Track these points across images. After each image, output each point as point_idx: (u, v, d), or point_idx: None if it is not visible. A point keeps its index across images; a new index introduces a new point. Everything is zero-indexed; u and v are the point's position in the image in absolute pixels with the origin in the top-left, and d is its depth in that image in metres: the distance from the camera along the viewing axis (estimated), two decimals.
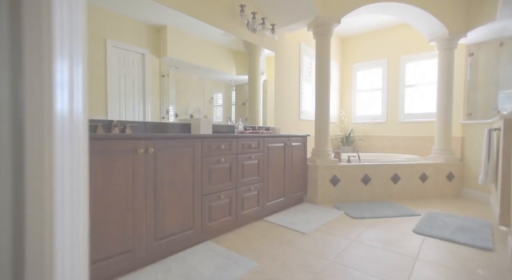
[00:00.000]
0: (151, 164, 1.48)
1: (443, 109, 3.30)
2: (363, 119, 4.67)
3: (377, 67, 4.52)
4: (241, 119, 2.81)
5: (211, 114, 2.53)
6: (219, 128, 2.60)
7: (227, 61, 2.63)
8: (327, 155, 2.97)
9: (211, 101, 2.43)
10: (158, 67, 1.95)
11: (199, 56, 2.30)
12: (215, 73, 2.46)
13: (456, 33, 3.19)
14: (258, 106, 3.16)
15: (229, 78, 2.63)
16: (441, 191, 3.19)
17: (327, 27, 2.91)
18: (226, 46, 2.60)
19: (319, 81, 3.00)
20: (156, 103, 2.01)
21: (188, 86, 2.20)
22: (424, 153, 4.02)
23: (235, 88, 2.79)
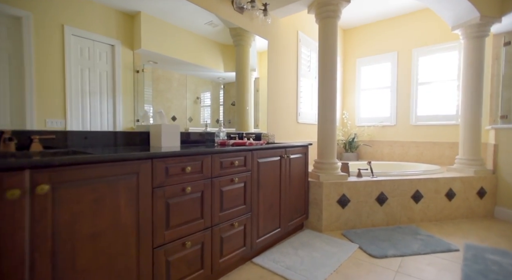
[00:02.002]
0: (46, 214, 0.83)
1: (470, 111, 2.73)
2: (368, 122, 4.08)
3: (385, 62, 3.93)
4: (223, 125, 2.16)
5: (198, 116, 2.06)
6: (193, 137, 1.94)
7: (214, 56, 2.12)
8: (333, 169, 2.35)
9: (197, 101, 2.02)
10: (132, 61, 1.61)
11: (181, 50, 1.87)
12: (200, 70, 2.03)
13: (489, 18, 2.61)
14: (248, 107, 2.53)
15: (217, 76, 2.17)
16: (470, 210, 2.61)
17: (334, 7, 2.29)
18: (212, 38, 2.10)
19: (323, 77, 2.37)
20: (129, 103, 1.61)
21: (169, 84, 1.81)
22: (441, 161, 3.46)
23: (223, 87, 2.27)
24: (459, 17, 2.75)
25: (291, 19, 3.00)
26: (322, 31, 2.37)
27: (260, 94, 2.68)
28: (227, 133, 2.16)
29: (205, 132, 2.02)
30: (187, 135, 1.90)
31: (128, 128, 1.60)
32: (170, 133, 1.59)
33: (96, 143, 1.43)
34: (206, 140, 2.02)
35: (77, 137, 1.37)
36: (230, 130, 2.30)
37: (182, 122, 1.91)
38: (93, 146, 1.42)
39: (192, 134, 1.93)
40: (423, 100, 3.62)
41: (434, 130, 3.52)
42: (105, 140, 1.47)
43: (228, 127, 2.30)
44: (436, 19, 3.42)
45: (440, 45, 3.46)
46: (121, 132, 1.54)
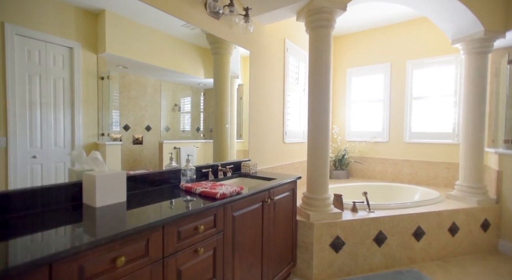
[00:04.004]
0: None
1: (472, 134, 2.48)
2: (359, 136, 3.80)
3: (377, 73, 3.66)
4: (203, 135, 1.74)
5: (177, 124, 1.80)
6: (149, 179, 1.51)
7: (193, 61, 1.84)
8: (325, 206, 2.00)
9: (174, 109, 1.78)
10: (95, 67, 1.39)
11: (154, 54, 1.61)
12: (178, 76, 1.78)
13: (493, 33, 2.37)
14: (228, 125, 2.14)
15: (197, 81, 1.90)
16: (474, 245, 2.36)
17: (327, 16, 1.94)
18: (190, 42, 1.82)
19: (314, 98, 2.02)
20: (93, 114, 1.38)
21: (143, 90, 1.58)
22: (436, 183, 3.22)
23: (204, 94, 1.98)
24: (460, 30, 2.49)
25: (277, 26, 2.62)
26: (314, 43, 2.01)
27: (244, 102, 2.31)
28: (197, 168, 1.75)
29: (168, 170, 1.60)
30: (142, 178, 1.47)
31: (90, 144, 1.31)
32: (111, 183, 1.16)
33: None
34: (168, 180, 1.60)
35: None
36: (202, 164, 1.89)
37: (157, 132, 1.62)
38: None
39: (148, 175, 1.50)
40: (417, 116, 3.37)
41: (430, 148, 3.28)
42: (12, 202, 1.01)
43: (208, 138, 1.98)
44: (433, 30, 3.18)
45: (436, 58, 3.22)
46: (39, 188, 1.10)
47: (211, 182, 1.50)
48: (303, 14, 2.04)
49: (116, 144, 1.42)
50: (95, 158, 1.16)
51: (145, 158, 1.51)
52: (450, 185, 3.13)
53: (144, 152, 1.51)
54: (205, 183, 1.48)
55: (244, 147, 2.29)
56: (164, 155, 1.64)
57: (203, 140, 1.96)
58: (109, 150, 1.37)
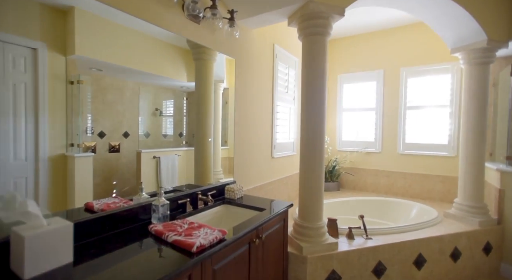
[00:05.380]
0: None
1: (472, 150, 2.33)
2: (351, 146, 3.63)
3: (370, 81, 3.49)
4: (185, 142, 1.46)
5: (158, 129, 1.65)
6: (113, 218, 1.22)
7: (175, 64, 1.67)
8: (319, 236, 1.77)
9: (155, 113, 1.63)
10: (64, 70, 1.22)
11: (131, 56, 1.46)
12: (159, 79, 1.64)
13: (497, 42, 2.22)
14: (210, 139, 1.90)
15: (179, 84, 1.75)
16: (476, 270, 2.21)
17: (323, 22, 1.71)
18: (172, 43, 1.64)
19: (308, 113, 1.79)
20: (61, 123, 1.20)
21: (120, 94, 1.43)
22: (431, 196, 3.09)
23: (186, 97, 1.81)
24: (461, 38, 2.33)
25: (265, 30, 2.37)
26: (308, 52, 1.78)
27: (230, 107, 2.08)
28: (172, 199, 1.47)
29: (137, 205, 1.32)
30: (102, 221, 1.18)
31: (58, 156, 1.15)
32: (49, 242, 0.88)
33: None
34: (137, 218, 1.31)
35: None
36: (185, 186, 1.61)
37: (136, 138, 1.47)
38: None
39: (110, 217, 1.21)
40: (412, 127, 3.23)
41: (424, 160, 3.14)
42: None
43: (191, 144, 1.79)
44: (428, 36, 3.03)
45: (431, 66, 3.08)
46: None
47: (188, 222, 1.23)
48: (295, 19, 1.80)
49: (87, 156, 1.25)
50: (26, 212, 0.87)
51: (123, 167, 1.37)
52: (445, 200, 3.00)
53: (122, 160, 1.37)
54: (180, 224, 1.21)
55: (230, 154, 2.06)
56: (143, 165, 1.46)
57: (185, 147, 1.76)
58: (79, 163, 1.21)
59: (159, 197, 1.30)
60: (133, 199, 1.35)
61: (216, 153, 1.98)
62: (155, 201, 1.29)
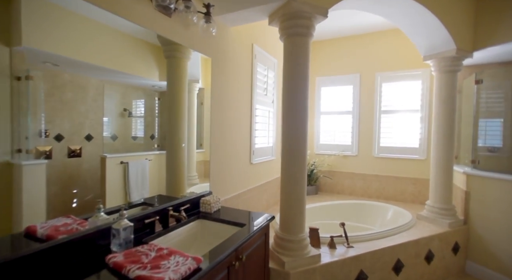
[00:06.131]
0: None
1: (443, 154, 2.42)
2: (328, 149, 3.63)
3: (347, 84, 3.52)
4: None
5: (127, 131, 1.48)
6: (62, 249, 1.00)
7: (145, 61, 1.51)
8: (302, 249, 1.68)
9: (124, 114, 1.47)
10: (8, 63, 1.01)
11: (96, 51, 1.27)
12: (127, 77, 1.47)
13: (464, 52, 2.32)
14: (184, 144, 1.74)
15: (150, 83, 1.58)
16: (446, 270, 2.30)
17: (306, 22, 1.62)
18: (142, 38, 1.48)
19: (289, 118, 1.69)
20: (3, 126, 0.98)
21: (82, 93, 1.25)
22: (403, 198, 3.19)
23: (158, 97, 1.64)
24: (434, 46, 2.40)
25: (244, 29, 2.23)
26: (290, 53, 1.67)
27: (205, 108, 1.92)
28: (138, 218, 1.27)
29: (93, 230, 1.10)
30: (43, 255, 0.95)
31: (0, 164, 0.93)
32: None
33: None
34: (93, 246, 1.10)
35: None
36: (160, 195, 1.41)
37: (100, 141, 1.30)
38: None
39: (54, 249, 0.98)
40: (386, 130, 3.31)
41: (397, 163, 3.24)
42: None
43: (164, 148, 1.61)
44: (403, 43, 3.12)
45: (404, 72, 3.18)
46: None
47: (155, 248, 1.05)
48: (277, 18, 1.68)
49: (39, 164, 1.06)
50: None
51: (85, 173, 1.22)
52: (416, 201, 3.12)
53: (84, 166, 1.22)
54: (146, 252, 1.02)
55: (205, 157, 1.91)
56: (109, 172, 1.30)
57: (157, 151, 1.59)
58: (28, 172, 1.02)
59: (120, 218, 1.10)
60: (88, 221, 1.13)
61: (191, 157, 1.82)
62: (116, 223, 1.09)
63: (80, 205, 1.18)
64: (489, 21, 2.31)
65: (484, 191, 2.32)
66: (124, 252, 1.02)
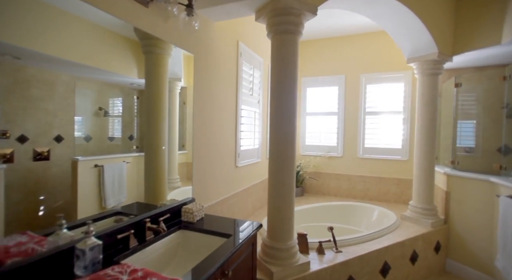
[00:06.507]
0: None
1: (425, 156, 2.46)
2: (314, 150, 3.61)
3: (333, 85, 3.51)
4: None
5: (103, 132, 1.35)
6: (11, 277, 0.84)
7: (123, 57, 1.38)
8: (291, 257, 1.61)
9: (99, 113, 1.35)
10: None
11: (65, 45, 1.12)
12: (102, 73, 1.32)
13: (445, 56, 2.37)
14: (164, 147, 1.60)
15: (128, 81, 1.47)
16: (429, 269, 2.33)
17: (295, 19, 1.54)
18: (119, 32, 1.35)
19: (278, 119, 1.60)
20: None
21: (50, 89, 1.11)
22: (387, 198, 3.23)
23: (137, 95, 1.52)
24: (417, 49, 2.43)
25: (229, 25, 2.12)
26: (278, 51, 1.59)
27: (188, 107, 1.79)
28: (109, 234, 1.13)
29: (53, 251, 0.94)
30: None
31: None
32: None
33: None
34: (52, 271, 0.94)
35: None
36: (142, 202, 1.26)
37: (71, 143, 1.16)
38: None
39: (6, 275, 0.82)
40: (370, 131, 3.33)
41: (381, 164, 3.27)
42: None
43: (142, 149, 1.48)
44: (387, 45, 3.15)
45: (387, 74, 3.22)
46: None
47: (128, 270, 0.92)
48: (264, 13, 1.59)
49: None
50: None
51: (54, 178, 1.09)
52: (399, 201, 3.17)
53: (53, 170, 1.10)
54: (117, 276, 0.89)
55: (188, 159, 1.79)
56: (81, 176, 1.17)
57: (136, 153, 1.46)
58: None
59: (86, 237, 0.96)
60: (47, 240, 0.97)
61: (173, 159, 1.69)
62: (81, 243, 0.94)
63: (48, 213, 1.04)
64: (468, 28, 2.37)
65: (463, 191, 2.38)
66: (90, 276, 0.88)
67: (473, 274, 2.27)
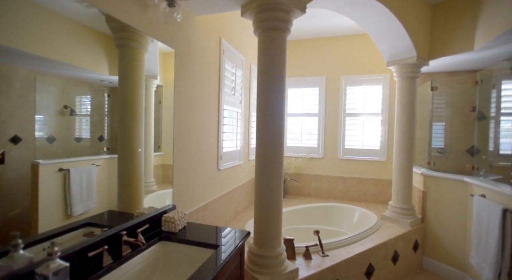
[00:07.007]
0: None
1: (404, 157, 2.54)
2: (295, 151, 3.59)
3: (314, 86, 3.52)
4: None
5: (69, 132, 1.19)
6: None
7: (92, 51, 1.22)
8: (279, 264, 1.54)
9: (64, 112, 1.20)
10: None
11: (25, 35, 0.97)
12: (68, 68, 1.16)
13: (422, 60, 2.46)
14: (140, 149, 1.44)
15: (98, 78, 1.33)
16: (408, 267, 2.40)
17: (283, 15, 1.47)
18: (88, 25, 1.18)
19: (266, 120, 1.53)
20: None
21: (5, 85, 0.97)
22: (366, 199, 3.30)
23: (108, 93, 1.38)
24: (397, 53, 2.50)
25: (211, 20, 2.00)
26: (266, 49, 1.51)
27: (164, 106, 1.65)
28: (78, 251, 0.97)
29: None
30: None
31: None
32: None
33: None
34: None
35: None
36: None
37: (31, 144, 1.02)
38: None
39: None
40: (350, 133, 3.39)
41: (360, 165, 3.34)
42: None
43: (115, 151, 1.33)
44: (367, 48, 3.22)
45: (367, 76, 3.29)
46: None
47: None
48: (251, 8, 1.50)
49: None
50: None
51: (10, 184, 0.96)
52: (377, 201, 3.25)
53: (8, 175, 0.98)
54: None
55: (164, 161, 1.66)
56: (43, 182, 1.02)
57: (107, 155, 1.32)
58: None
59: (50, 259, 0.80)
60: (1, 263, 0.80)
61: (148, 161, 1.55)
62: (42, 267, 0.79)
63: (3, 223, 0.89)
64: (443, 34, 2.48)
65: (439, 190, 2.49)
66: None
67: (448, 270, 2.37)
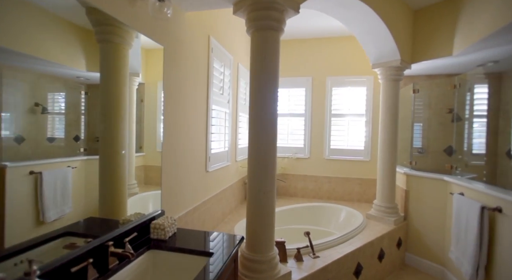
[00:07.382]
0: None
1: (388, 157, 2.62)
2: (282, 152, 3.59)
3: (300, 87, 3.54)
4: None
5: (40, 131, 1.07)
6: None
7: (68, 46, 1.11)
8: (272, 268, 1.51)
9: (35, 110, 1.08)
10: None
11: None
12: (39, 63, 1.04)
13: (405, 63, 2.55)
14: (124, 151, 1.35)
15: (74, 74, 1.23)
16: (392, 264, 2.48)
17: (277, 15, 1.44)
18: (65, 17, 1.07)
19: (260, 122, 1.49)
20: None
21: None
22: (351, 198, 3.38)
23: (85, 91, 1.27)
24: (382, 55, 2.56)
25: (200, 17, 1.93)
26: (259, 49, 1.47)
27: (146, 105, 1.56)
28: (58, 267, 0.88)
29: None
30: None
31: None
32: None
33: None
34: None
35: None
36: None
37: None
38: None
39: None
40: (336, 133, 3.45)
41: (345, 165, 3.41)
42: None
43: (93, 152, 1.24)
44: (353, 49, 3.28)
45: (352, 78, 3.36)
46: None
47: None
48: (244, 7, 1.46)
49: None
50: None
51: None
52: (362, 200, 3.34)
53: None
54: None
55: (146, 161, 1.57)
56: (10, 187, 0.91)
57: (84, 156, 1.22)
58: None
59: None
60: None
61: (130, 162, 1.45)
62: None
63: None
64: (424, 39, 2.59)
65: (420, 189, 2.59)
66: None
67: (429, 265, 2.47)
